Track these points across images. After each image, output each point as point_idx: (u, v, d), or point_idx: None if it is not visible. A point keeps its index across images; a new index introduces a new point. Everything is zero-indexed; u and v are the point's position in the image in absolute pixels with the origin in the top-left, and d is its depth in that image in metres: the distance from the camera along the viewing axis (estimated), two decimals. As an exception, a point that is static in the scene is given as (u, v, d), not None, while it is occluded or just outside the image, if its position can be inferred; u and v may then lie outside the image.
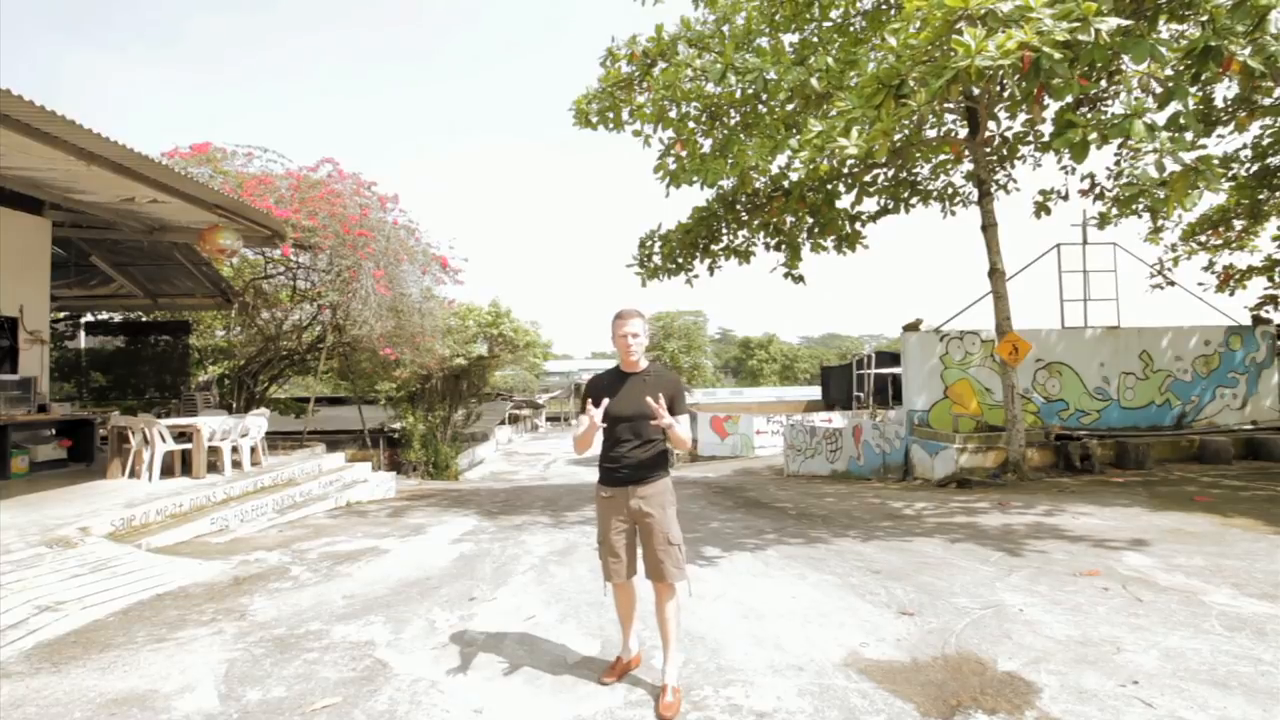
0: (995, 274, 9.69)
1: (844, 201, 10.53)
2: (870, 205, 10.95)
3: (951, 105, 9.04)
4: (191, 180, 7.10)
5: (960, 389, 11.27)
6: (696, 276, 11.06)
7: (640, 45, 9.18)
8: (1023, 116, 9.52)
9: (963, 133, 10.09)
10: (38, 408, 8.42)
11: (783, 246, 10.90)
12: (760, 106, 9.34)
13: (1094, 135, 5.69)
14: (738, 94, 9.00)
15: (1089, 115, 8.06)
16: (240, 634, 3.84)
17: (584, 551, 5.81)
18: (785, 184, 10.12)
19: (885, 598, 4.24)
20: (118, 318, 14.33)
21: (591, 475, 17.32)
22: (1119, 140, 6.23)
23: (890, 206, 11.12)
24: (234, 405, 12.74)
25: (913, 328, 11.65)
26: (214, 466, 8.11)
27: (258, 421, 8.93)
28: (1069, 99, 6.26)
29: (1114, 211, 10.96)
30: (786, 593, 4.45)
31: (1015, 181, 11.07)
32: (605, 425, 3.05)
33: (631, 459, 3.03)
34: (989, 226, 9.69)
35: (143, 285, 12.08)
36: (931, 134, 10.20)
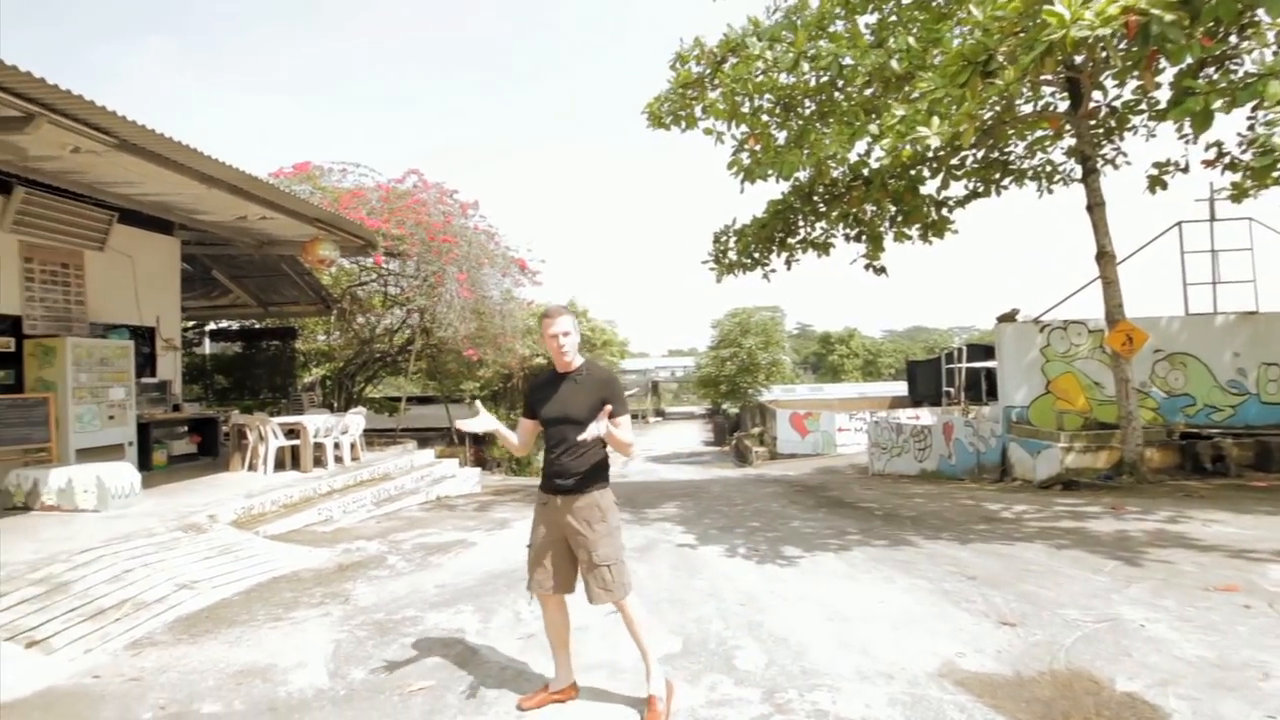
0: (1104, 257, 8.90)
1: (929, 187, 9.99)
2: (958, 189, 10.33)
3: (1049, 78, 8.37)
4: (295, 197, 7.69)
5: (1065, 383, 10.43)
6: (773, 271, 10.83)
7: (708, 46, 9.10)
8: (1134, 83, 8.68)
9: (1063, 106, 9.30)
10: (173, 407, 9.41)
11: (863, 237, 10.48)
12: (836, 94, 9.01)
13: (1219, 101, 5.10)
14: (812, 82, 8.73)
15: (1214, 77, 7.23)
16: (345, 617, 4.13)
17: (663, 549, 5.83)
18: (865, 172, 9.72)
19: (983, 606, 3.99)
20: (235, 325, 15.73)
21: (670, 472, 17.31)
22: (1251, 104, 5.55)
23: (980, 190, 10.44)
24: (335, 404, 13.69)
25: (1008, 318, 10.91)
26: (318, 461, 8.74)
27: (356, 420, 9.55)
28: (1188, 61, 5.64)
29: (1249, 183, 9.77)
30: (873, 596, 4.28)
31: (1125, 155, 10.06)
32: (543, 429, 2.86)
33: (561, 466, 2.77)
34: (1095, 206, 8.91)
35: (255, 295, 13.20)
36: (1026, 109, 9.49)
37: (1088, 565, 4.78)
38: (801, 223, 10.59)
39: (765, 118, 9.41)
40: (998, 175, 10.34)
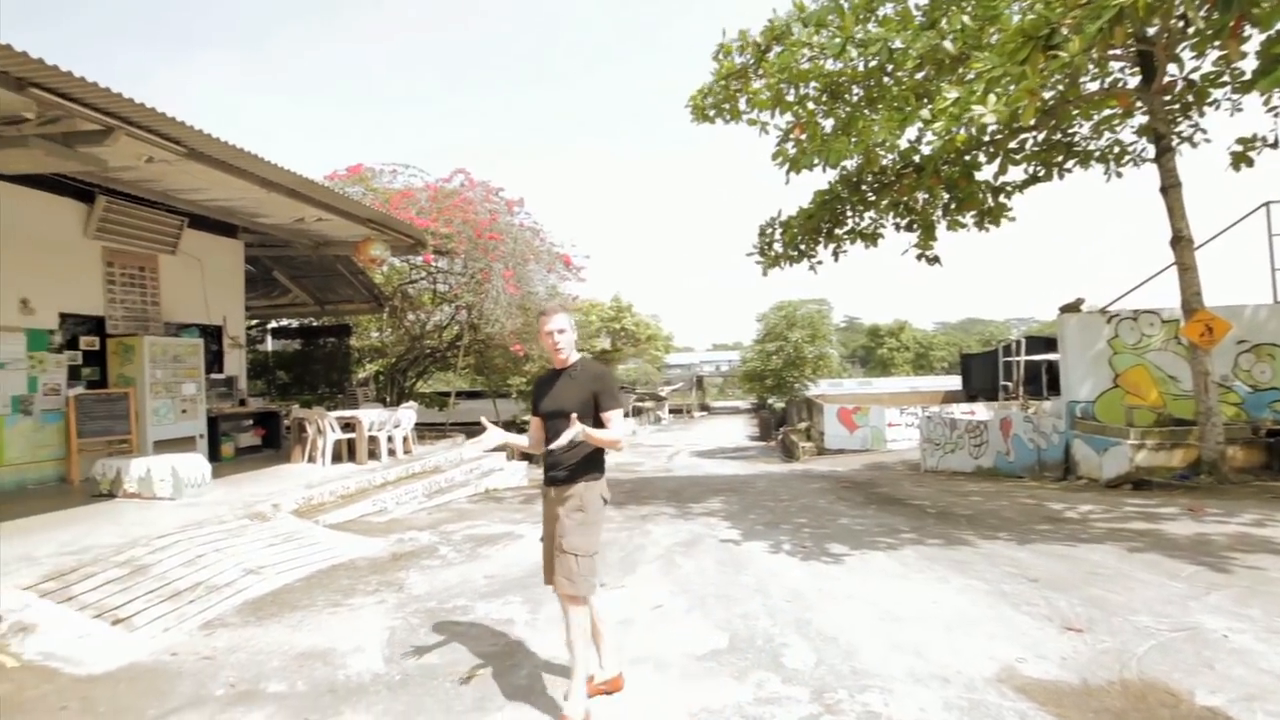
0: (1180, 242, 8.34)
1: (985, 173, 9.57)
2: (1016, 174, 9.84)
3: (1117, 50, 7.87)
4: (348, 199, 7.96)
5: (1135, 377, 9.85)
6: (820, 263, 10.58)
7: (752, 37, 8.93)
8: (1216, 53, 8.08)
9: (1133, 81, 8.73)
10: (239, 402, 9.91)
11: (915, 226, 10.12)
12: (885, 78, 8.71)
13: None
14: (860, 68, 8.46)
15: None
16: (399, 604, 4.26)
17: (709, 544, 5.80)
18: (916, 159, 9.37)
19: (1045, 610, 3.81)
20: (295, 323, 16.44)
21: (715, 467, 17.16)
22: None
23: (1041, 174, 9.92)
24: (387, 399, 14.15)
25: (1072, 309, 10.35)
26: (372, 454, 9.06)
27: (408, 414, 9.85)
28: (1279, 27, 5.20)
29: (1349, 158, 8.96)
30: (926, 597, 4.14)
31: (1204, 132, 9.37)
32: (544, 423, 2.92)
33: (554, 459, 2.85)
34: (1171, 187, 8.35)
35: (313, 294, 13.75)
36: (1092, 86, 8.96)
37: (1162, 570, 4.50)
38: (849, 213, 10.30)
39: (811, 106, 9.18)
40: (1060, 158, 9.80)
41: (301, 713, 2.88)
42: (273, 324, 16.16)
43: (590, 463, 2.87)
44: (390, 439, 9.33)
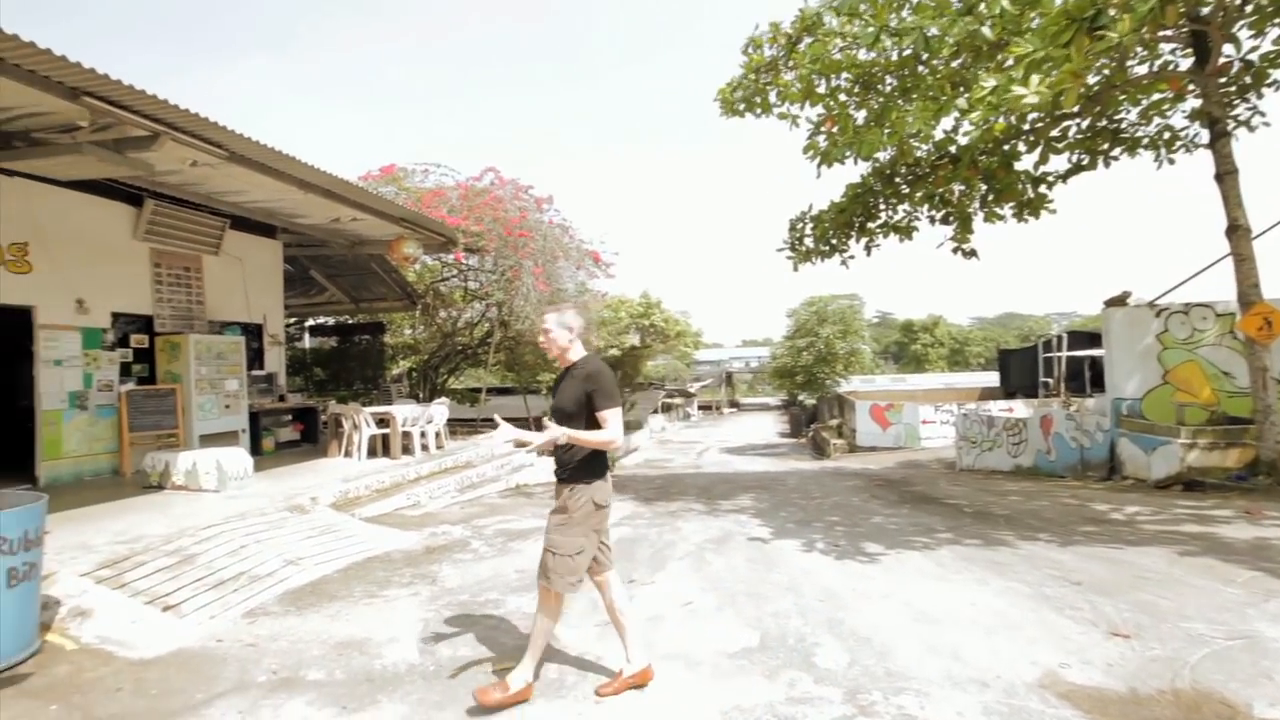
0: (1237, 231, 7.94)
1: (1025, 162, 9.26)
2: (1059, 163, 9.50)
3: (1168, 31, 7.52)
4: (381, 198, 8.11)
5: (1187, 373, 9.44)
6: (852, 257, 10.41)
7: (783, 30, 8.80)
8: (1275, 32, 7.67)
9: (1186, 64, 8.35)
10: (278, 398, 10.20)
11: (951, 219, 9.86)
12: (920, 67, 8.49)
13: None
14: (894, 57, 8.27)
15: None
16: (433, 597, 4.34)
17: (740, 541, 5.76)
18: (952, 149, 9.13)
19: (1090, 614, 3.68)
20: (331, 321, 16.84)
21: (745, 464, 17.08)
22: None
23: (1085, 162, 9.55)
24: (420, 395, 14.41)
25: (1118, 302, 9.98)
26: (406, 449, 9.23)
27: (440, 410, 10.01)
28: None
29: None
30: (964, 598, 4.04)
31: (1263, 115, 8.90)
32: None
33: (557, 457, 2.92)
34: (1226, 174, 7.96)
35: (348, 292, 14.06)
36: (1141, 70, 8.59)
37: (1217, 575, 4.31)
38: (882, 206, 10.10)
39: (843, 97, 9.01)
40: (1105, 145, 9.42)
41: (340, 700, 2.95)
42: (310, 322, 16.60)
43: (585, 465, 2.89)
44: (423, 434, 9.49)
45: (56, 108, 4.67)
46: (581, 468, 2.88)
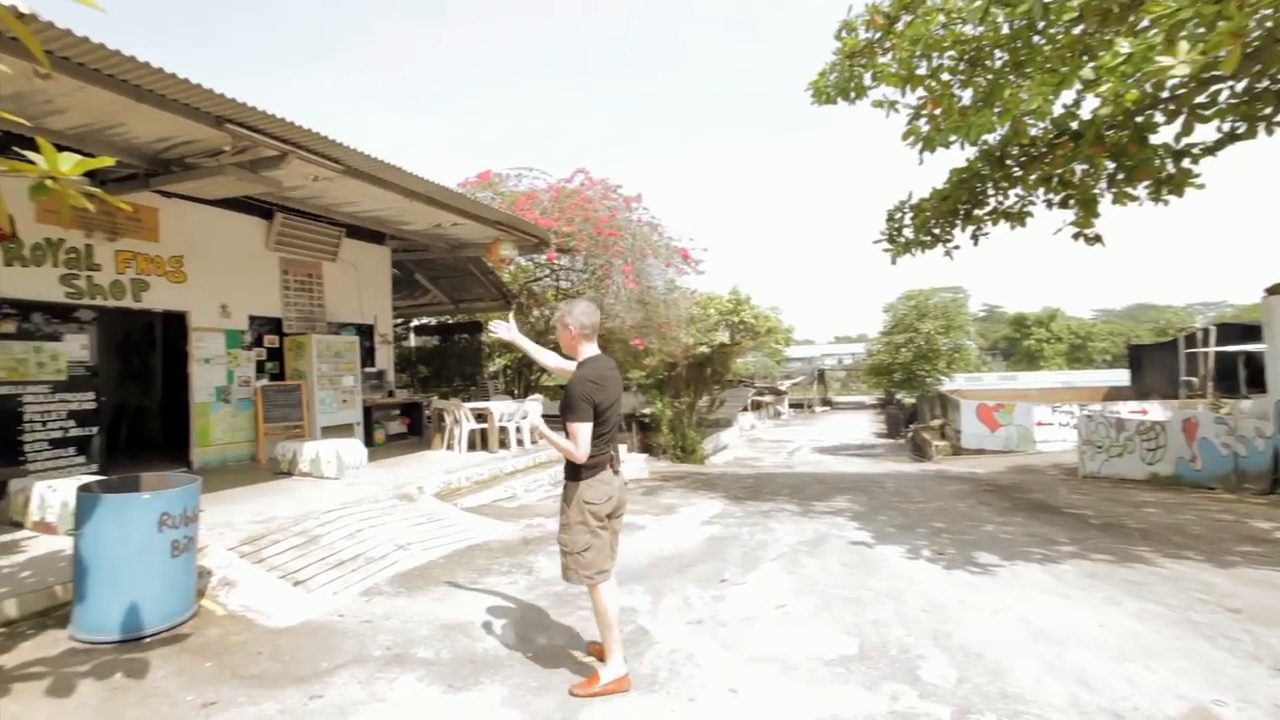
0: None
1: (1164, 134, 8.27)
2: (1206, 133, 8.40)
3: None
4: (479, 204, 8.49)
5: (1370, 370, 8.13)
6: (957, 248, 9.69)
7: (881, 8, 8.35)
8: None
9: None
10: (388, 393, 10.96)
11: (1071, 202, 8.98)
12: (1036, 38, 7.79)
13: None
14: (1005, 29, 7.64)
15: None
16: (529, 586, 4.50)
17: (835, 543, 5.56)
18: (1073, 125, 8.31)
19: (1251, 646, 3.25)
20: (433, 321, 17.87)
21: (839, 464, 16.45)
22: None
23: (1241, 130, 8.37)
24: (515, 392, 15.00)
25: (1281, 289, 8.75)
26: (503, 444, 9.63)
27: (534, 406, 10.17)
28: None
29: None
30: (1091, 618, 3.68)
31: None
32: None
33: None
34: None
35: (448, 293, 14.87)
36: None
37: None
38: (991, 191, 9.34)
39: (947, 77, 8.43)
40: (1268, 109, 8.23)
41: (446, 679, 3.13)
42: (415, 322, 17.70)
43: (569, 466, 2.98)
44: (519, 429, 9.87)
45: (205, 135, 5.27)
46: (570, 465, 2.96)
